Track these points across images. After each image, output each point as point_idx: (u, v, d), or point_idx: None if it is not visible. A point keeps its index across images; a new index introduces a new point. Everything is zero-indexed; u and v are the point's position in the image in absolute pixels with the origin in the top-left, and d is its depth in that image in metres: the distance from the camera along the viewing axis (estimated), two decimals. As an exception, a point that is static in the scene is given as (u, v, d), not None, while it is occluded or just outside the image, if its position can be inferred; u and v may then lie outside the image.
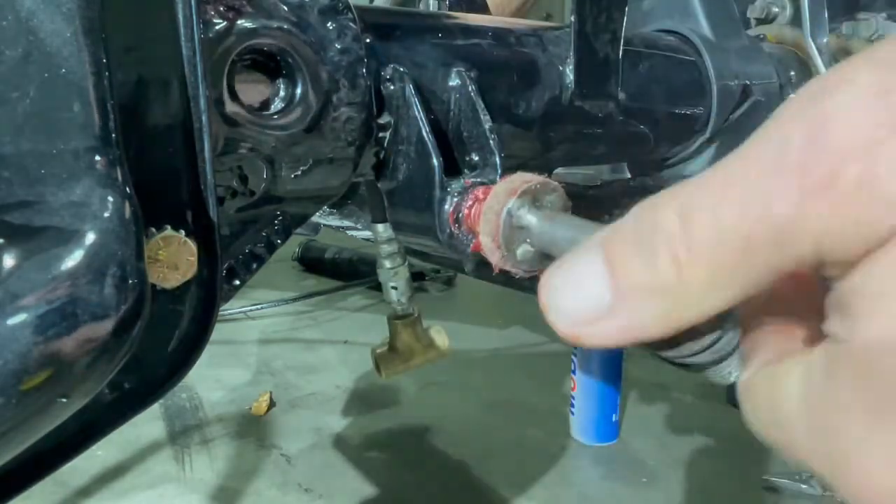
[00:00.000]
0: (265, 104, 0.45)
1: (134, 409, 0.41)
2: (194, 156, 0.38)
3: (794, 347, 0.26)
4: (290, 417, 1.38)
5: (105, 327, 0.32)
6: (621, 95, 0.66)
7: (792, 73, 0.83)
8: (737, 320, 0.28)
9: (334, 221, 0.78)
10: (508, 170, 0.46)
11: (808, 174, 0.20)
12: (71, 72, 0.32)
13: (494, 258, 0.41)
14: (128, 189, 0.33)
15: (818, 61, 0.84)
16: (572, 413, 1.32)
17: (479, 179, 0.48)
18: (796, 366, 0.24)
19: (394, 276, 0.73)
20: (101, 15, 0.32)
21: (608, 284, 0.24)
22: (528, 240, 0.40)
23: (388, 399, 1.46)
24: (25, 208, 0.31)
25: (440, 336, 0.79)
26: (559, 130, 0.64)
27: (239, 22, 0.42)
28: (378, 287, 0.82)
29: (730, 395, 1.38)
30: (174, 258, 0.37)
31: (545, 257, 0.41)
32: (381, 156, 0.52)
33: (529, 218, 0.40)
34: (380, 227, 0.67)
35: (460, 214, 0.46)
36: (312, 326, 1.88)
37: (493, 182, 0.47)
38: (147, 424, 1.32)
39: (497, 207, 0.40)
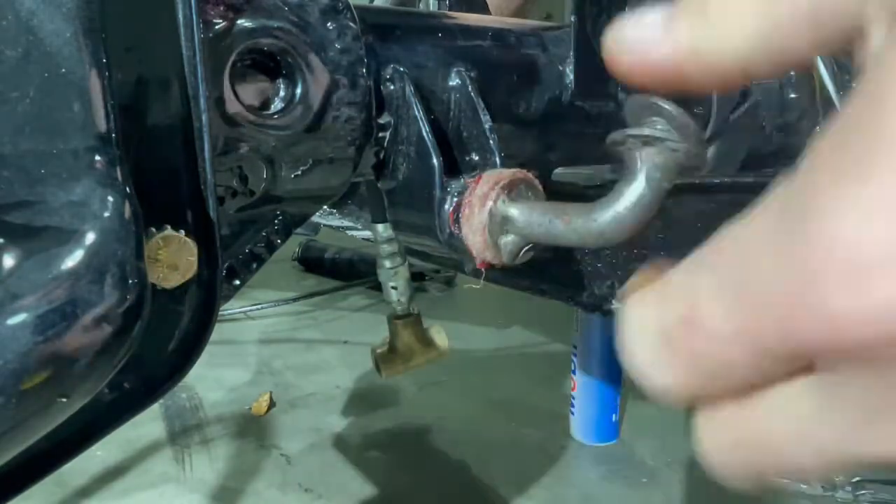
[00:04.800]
0: (265, 104, 0.45)
1: (134, 409, 0.41)
2: (194, 156, 0.38)
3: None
4: (290, 417, 1.38)
5: (105, 327, 0.32)
6: (621, 95, 0.66)
7: (791, 72, 0.83)
8: None
9: (334, 221, 0.78)
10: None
11: None
12: (71, 72, 0.32)
13: (481, 252, 0.44)
14: (128, 189, 0.33)
15: (818, 61, 0.83)
16: (572, 413, 1.32)
17: (479, 179, 0.48)
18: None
19: (394, 276, 0.73)
20: (101, 15, 0.32)
21: None
22: (508, 230, 0.43)
23: (388, 399, 1.46)
24: (25, 208, 0.31)
25: (440, 336, 0.78)
26: (559, 130, 0.64)
27: (239, 22, 0.42)
28: (378, 287, 0.82)
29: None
30: (174, 258, 0.37)
31: (528, 249, 0.44)
32: (381, 156, 0.52)
33: (510, 209, 0.43)
34: (380, 227, 0.67)
35: (460, 214, 0.46)
36: (312, 326, 1.88)
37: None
38: (147, 424, 1.31)
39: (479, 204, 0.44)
